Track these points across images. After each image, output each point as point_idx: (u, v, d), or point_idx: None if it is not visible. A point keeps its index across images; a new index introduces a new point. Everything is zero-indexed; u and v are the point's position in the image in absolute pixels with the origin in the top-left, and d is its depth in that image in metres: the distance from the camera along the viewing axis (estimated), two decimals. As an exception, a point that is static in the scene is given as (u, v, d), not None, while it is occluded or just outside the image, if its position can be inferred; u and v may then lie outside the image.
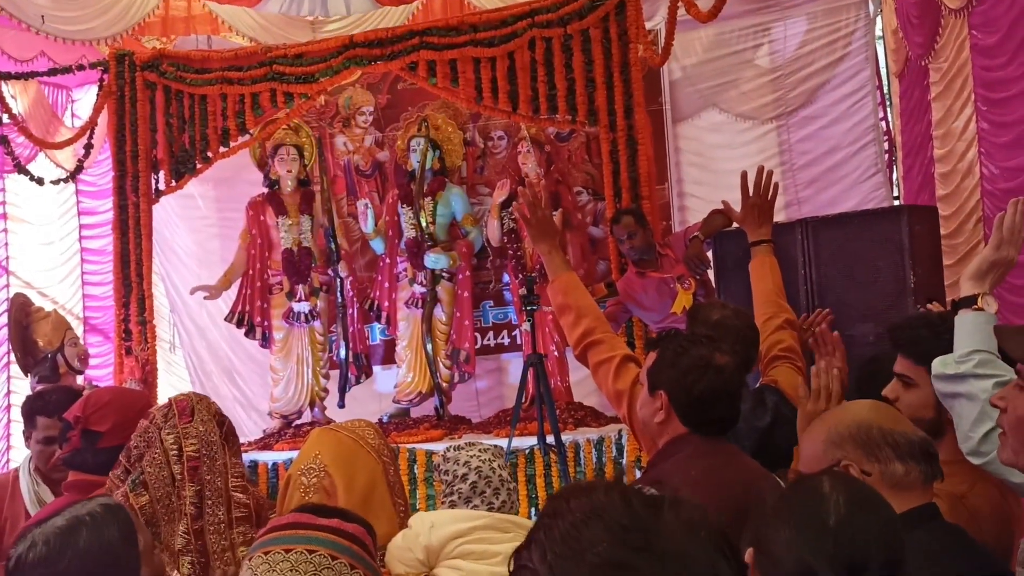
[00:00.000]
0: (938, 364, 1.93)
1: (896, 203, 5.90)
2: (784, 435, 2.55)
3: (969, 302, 1.96)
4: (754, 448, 2.42)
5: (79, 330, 6.53)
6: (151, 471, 2.01)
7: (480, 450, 2.40)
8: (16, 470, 3.19)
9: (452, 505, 2.17)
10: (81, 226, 7.31)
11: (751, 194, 3.23)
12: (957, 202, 4.37)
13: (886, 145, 6.19)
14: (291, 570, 1.28)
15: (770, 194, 3.23)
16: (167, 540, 1.91)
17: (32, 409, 3.13)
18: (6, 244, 6.95)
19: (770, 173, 3.25)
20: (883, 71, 6.27)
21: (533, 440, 5.13)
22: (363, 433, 1.96)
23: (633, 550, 0.84)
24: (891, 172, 6.16)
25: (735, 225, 4.76)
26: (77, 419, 2.41)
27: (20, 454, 6.75)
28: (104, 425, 2.39)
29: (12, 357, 6.41)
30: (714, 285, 5.03)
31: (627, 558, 0.84)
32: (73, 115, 7.23)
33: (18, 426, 6.88)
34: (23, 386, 6.73)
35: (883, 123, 6.23)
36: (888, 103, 6.22)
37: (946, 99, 4.40)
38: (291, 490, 1.84)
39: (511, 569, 0.92)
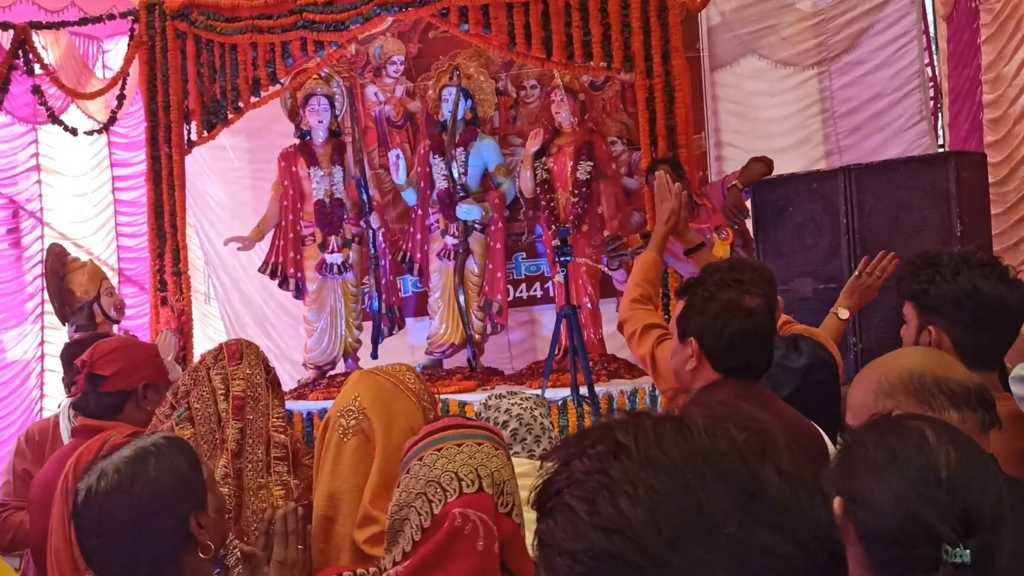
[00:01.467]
0: (1020, 368, 1.86)
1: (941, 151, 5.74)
2: (822, 376, 2.50)
3: None
4: (793, 390, 2.37)
5: (114, 281, 6.58)
6: (198, 407, 2.05)
7: (522, 398, 2.38)
8: (56, 416, 3.22)
9: None
10: (114, 177, 7.34)
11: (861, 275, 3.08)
12: (1007, 149, 4.23)
13: (931, 92, 6.00)
14: (470, 458, 1.43)
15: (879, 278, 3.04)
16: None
17: (71, 356, 3.16)
18: (40, 195, 7.00)
19: (892, 256, 2.98)
20: (929, 14, 6.04)
21: (566, 392, 5.11)
22: (403, 377, 1.93)
23: (767, 527, 0.68)
24: (936, 120, 5.97)
25: (775, 172, 4.67)
26: (84, 363, 2.47)
27: (53, 403, 6.89)
28: (108, 369, 2.45)
29: (46, 308, 6.52)
30: (752, 235, 4.94)
31: (765, 538, 0.67)
32: (104, 66, 7.21)
33: (51, 375, 7.02)
34: (56, 336, 6.85)
35: (928, 69, 6.02)
36: (934, 48, 6.01)
37: (998, 41, 4.24)
38: (329, 432, 1.81)
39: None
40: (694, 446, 0.70)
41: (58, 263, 5.44)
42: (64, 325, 5.39)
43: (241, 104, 6.03)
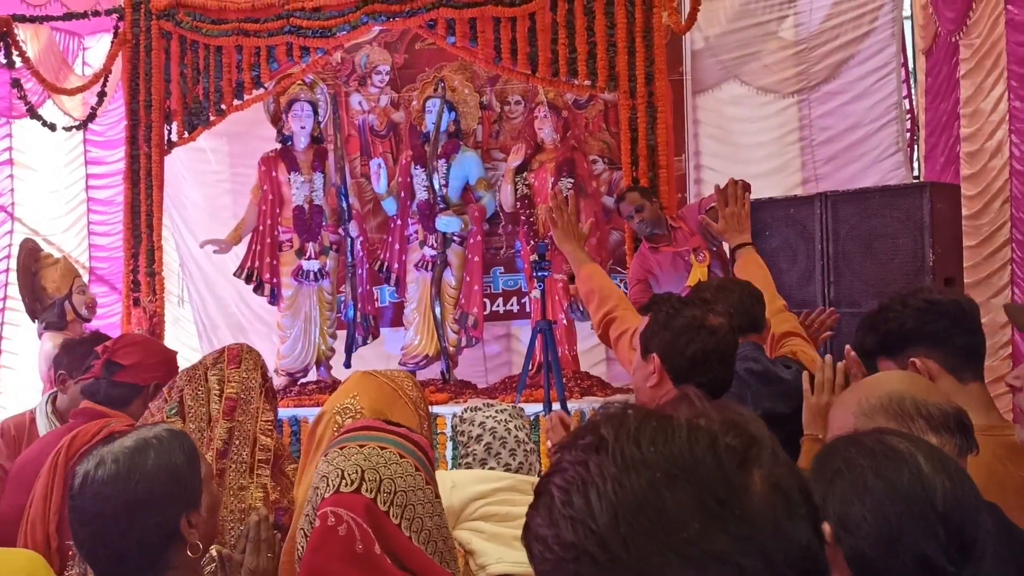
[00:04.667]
0: None
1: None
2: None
3: None
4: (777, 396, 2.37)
5: (85, 279, 6.51)
6: (191, 404, 2.07)
7: (497, 411, 2.32)
8: (32, 411, 3.17)
9: (467, 467, 2.12)
10: (88, 175, 7.27)
11: (727, 205, 3.44)
12: (983, 182, 4.30)
13: (908, 123, 6.09)
14: (364, 459, 1.37)
15: (745, 204, 3.45)
16: None
17: (67, 352, 3.16)
18: (12, 190, 6.92)
19: (743, 183, 3.53)
20: (909, 48, 6.15)
21: (539, 407, 5.10)
22: (402, 383, 1.92)
23: (729, 536, 0.66)
24: (912, 151, 6.06)
25: (752, 197, 4.72)
26: (106, 348, 2.51)
27: (5, 400, 6.79)
28: (128, 360, 2.49)
29: (8, 304, 6.43)
30: (729, 257, 4.98)
31: (725, 548, 0.66)
32: (84, 63, 7.16)
33: (7, 372, 6.92)
34: (14, 333, 6.76)
35: (906, 101, 6.12)
36: (913, 80, 6.11)
37: (977, 76, 4.32)
38: (322, 427, 1.79)
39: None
40: (671, 447, 0.69)
41: (31, 259, 5.37)
42: (34, 322, 5.32)
43: (224, 106, 6.00)
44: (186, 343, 6.96)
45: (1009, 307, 1.78)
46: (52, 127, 6.17)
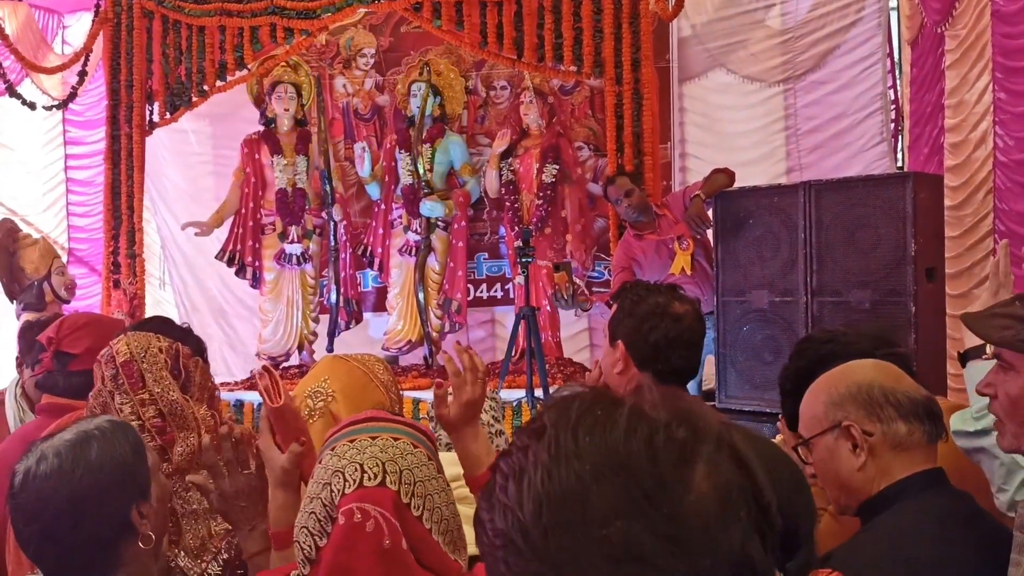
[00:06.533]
0: (956, 420, 1.86)
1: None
2: None
3: (978, 352, 1.87)
4: None
5: (64, 260, 6.44)
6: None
7: None
8: (2, 392, 3.13)
9: None
10: (67, 156, 7.19)
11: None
12: (967, 173, 4.30)
13: (892, 114, 6.11)
14: (381, 451, 1.31)
15: None
16: None
17: (31, 336, 3.07)
18: (-10, 169, 6.85)
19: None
20: (894, 38, 6.16)
21: (521, 393, 5.10)
22: (373, 367, 1.90)
23: (653, 536, 0.63)
24: (896, 141, 6.08)
25: (737, 185, 4.72)
26: (51, 340, 2.36)
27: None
28: (78, 347, 2.34)
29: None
30: (712, 246, 4.98)
31: (647, 548, 0.63)
32: (64, 42, 7.07)
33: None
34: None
35: (891, 91, 6.14)
36: (898, 71, 6.12)
37: (962, 67, 4.31)
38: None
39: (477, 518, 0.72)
40: (607, 438, 0.67)
41: (9, 239, 5.30)
42: (12, 303, 5.26)
43: (206, 87, 5.95)
44: (167, 326, 6.91)
45: (966, 316, 1.77)
46: (32, 106, 6.09)
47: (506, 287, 6.57)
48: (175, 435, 1.83)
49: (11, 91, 5.99)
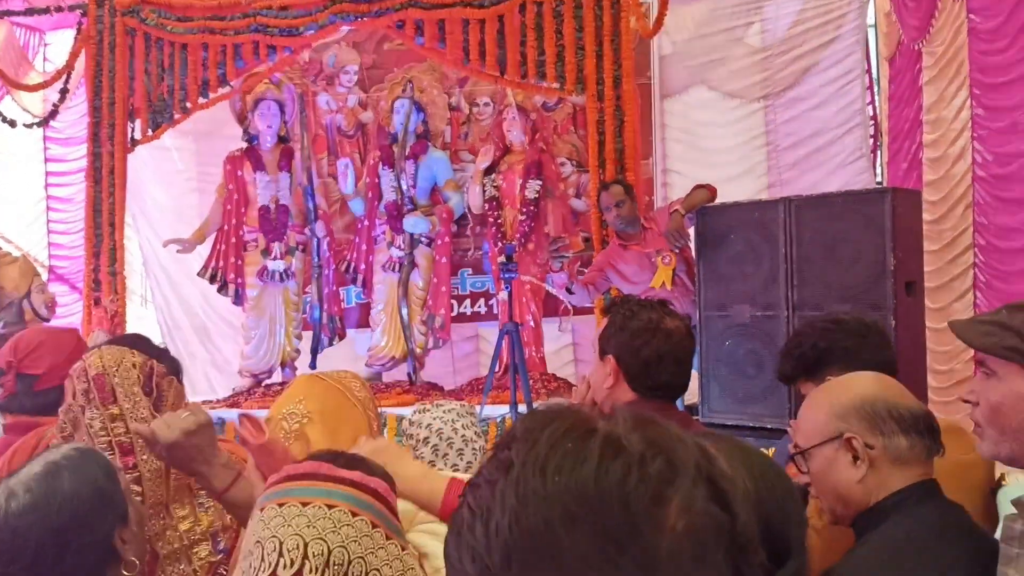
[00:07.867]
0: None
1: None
2: None
3: None
4: None
5: (44, 278, 6.40)
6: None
7: (445, 410, 2.28)
8: None
9: None
10: (48, 173, 7.14)
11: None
12: (946, 188, 4.35)
13: (871, 130, 6.18)
14: (308, 525, 1.12)
15: None
16: None
17: None
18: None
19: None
20: (872, 55, 6.24)
21: (505, 409, 5.10)
22: (350, 384, 1.88)
23: None
24: (875, 157, 6.15)
25: (718, 200, 4.75)
26: (10, 364, 2.33)
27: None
28: (39, 368, 2.33)
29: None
30: (694, 260, 5.00)
31: None
32: (45, 59, 7.04)
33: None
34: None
35: (870, 107, 6.21)
36: (876, 87, 6.20)
37: (939, 83, 4.38)
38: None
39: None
40: (577, 476, 0.63)
41: (-12, 257, 5.26)
42: (-10, 321, 5.21)
43: (189, 104, 5.94)
44: (149, 344, 6.86)
45: (953, 323, 1.78)
46: (12, 123, 6.06)
47: (490, 303, 6.58)
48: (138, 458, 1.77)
49: (-8, 109, 5.96)
